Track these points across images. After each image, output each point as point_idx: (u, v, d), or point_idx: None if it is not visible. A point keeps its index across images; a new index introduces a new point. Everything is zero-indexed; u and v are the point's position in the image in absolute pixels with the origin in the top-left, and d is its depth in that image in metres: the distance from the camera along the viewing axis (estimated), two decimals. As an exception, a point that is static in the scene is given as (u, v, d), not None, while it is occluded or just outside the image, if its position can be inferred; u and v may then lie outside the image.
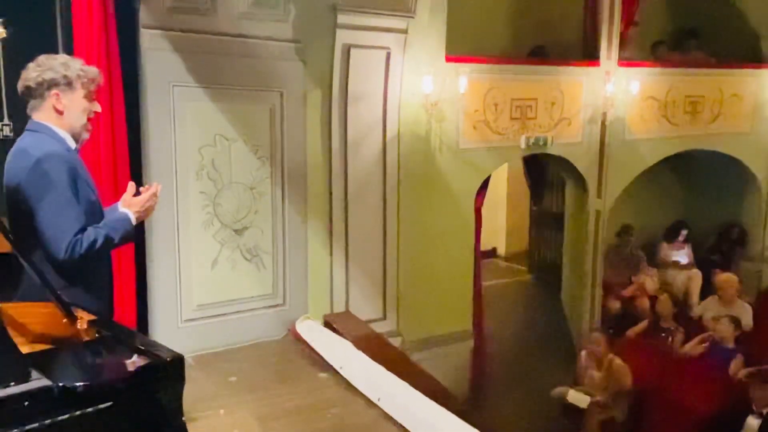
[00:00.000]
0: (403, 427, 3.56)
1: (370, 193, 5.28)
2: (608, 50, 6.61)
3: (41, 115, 2.38)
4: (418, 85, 5.41)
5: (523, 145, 6.25)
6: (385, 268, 5.44)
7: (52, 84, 2.34)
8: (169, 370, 1.73)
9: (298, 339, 4.83)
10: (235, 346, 4.70)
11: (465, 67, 5.75)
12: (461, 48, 5.79)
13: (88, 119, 2.45)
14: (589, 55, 6.66)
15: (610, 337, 5.97)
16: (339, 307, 5.24)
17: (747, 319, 6.47)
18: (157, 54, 4.30)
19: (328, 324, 5.05)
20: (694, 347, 5.89)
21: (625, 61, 6.76)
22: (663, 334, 6.31)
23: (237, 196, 4.69)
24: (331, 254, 5.18)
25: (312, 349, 4.64)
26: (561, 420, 5.63)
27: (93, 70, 2.44)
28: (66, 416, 1.61)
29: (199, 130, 4.50)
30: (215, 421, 3.59)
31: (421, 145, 5.58)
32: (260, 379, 4.24)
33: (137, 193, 2.53)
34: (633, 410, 5.49)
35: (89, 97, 2.42)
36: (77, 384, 1.62)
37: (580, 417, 5.39)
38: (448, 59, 5.62)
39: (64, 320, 2.01)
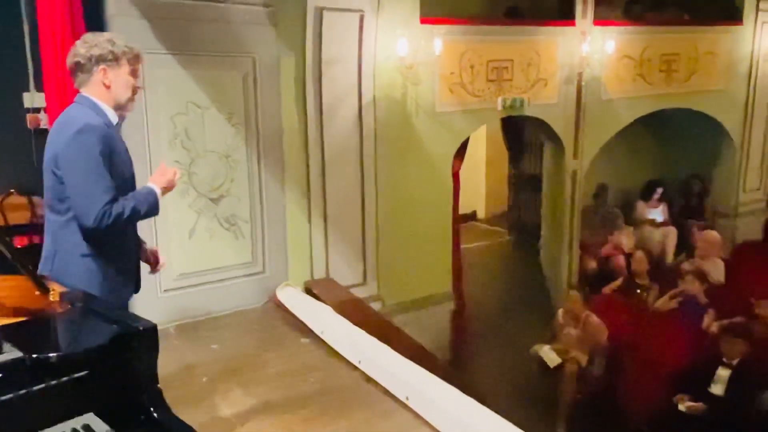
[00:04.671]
0: (384, 387, 3.62)
1: (347, 158, 5.26)
2: (583, 9, 6.57)
3: (88, 89, 2.50)
4: (392, 48, 5.35)
5: (499, 107, 6.24)
6: (365, 233, 5.47)
7: (100, 59, 2.46)
8: (142, 339, 1.74)
9: (279, 306, 4.86)
10: (217, 315, 4.72)
11: (440, 29, 5.69)
12: (436, 9, 5.72)
13: (133, 94, 2.58)
14: (565, 15, 6.62)
15: (586, 294, 6.10)
16: (319, 274, 5.27)
17: (717, 274, 6.63)
18: (124, 20, 4.19)
19: (308, 290, 5.08)
20: (665, 303, 6.04)
21: (600, 20, 6.73)
22: (638, 291, 6.45)
23: (212, 164, 4.65)
24: (310, 221, 5.18)
25: (293, 316, 4.68)
26: (539, 376, 5.77)
27: (136, 48, 2.58)
28: (41, 386, 1.62)
29: (170, 98, 4.43)
30: (197, 389, 3.62)
31: (397, 109, 5.55)
32: (242, 346, 4.28)
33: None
34: (609, 365, 5.64)
35: (133, 73, 2.55)
36: (50, 355, 1.63)
37: (558, 373, 5.53)
38: (423, 21, 5.56)
39: (37, 293, 2.01)
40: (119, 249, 2.54)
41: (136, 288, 2.73)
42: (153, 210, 2.56)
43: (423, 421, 3.29)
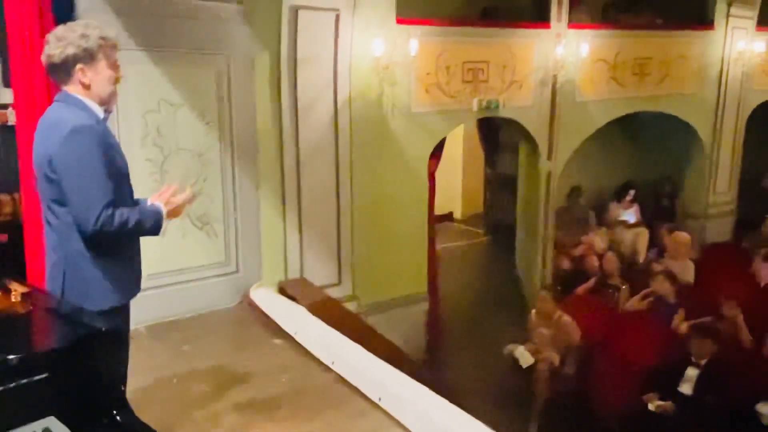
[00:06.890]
0: (356, 388, 3.62)
1: (322, 158, 5.24)
2: (559, 12, 6.63)
3: (71, 87, 2.38)
4: (368, 48, 5.35)
5: (475, 108, 6.27)
6: (340, 233, 5.45)
7: (75, 59, 2.32)
8: (104, 341, 1.71)
9: (253, 306, 4.83)
10: (189, 315, 4.66)
11: (416, 30, 5.70)
12: (412, 10, 5.73)
13: (114, 85, 2.46)
14: (540, 17, 6.67)
15: (558, 294, 6.16)
16: (294, 274, 5.24)
17: (687, 274, 6.74)
18: (95, 16, 4.08)
19: (282, 290, 5.05)
20: (636, 303, 6.12)
21: (575, 23, 6.80)
22: (610, 291, 6.53)
23: (184, 163, 4.60)
24: (284, 220, 5.15)
25: (266, 316, 4.65)
26: (513, 376, 5.81)
27: (111, 35, 2.42)
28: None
29: (142, 95, 4.37)
30: (167, 390, 3.58)
31: (373, 110, 5.54)
32: (214, 347, 4.23)
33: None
34: (581, 364, 5.70)
35: (112, 65, 2.41)
36: (9, 357, 1.59)
37: (531, 372, 5.57)
38: (399, 21, 5.56)
39: (-3, 293, 1.97)
40: (129, 248, 2.51)
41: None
42: (156, 229, 2.46)
43: (395, 422, 3.29)
